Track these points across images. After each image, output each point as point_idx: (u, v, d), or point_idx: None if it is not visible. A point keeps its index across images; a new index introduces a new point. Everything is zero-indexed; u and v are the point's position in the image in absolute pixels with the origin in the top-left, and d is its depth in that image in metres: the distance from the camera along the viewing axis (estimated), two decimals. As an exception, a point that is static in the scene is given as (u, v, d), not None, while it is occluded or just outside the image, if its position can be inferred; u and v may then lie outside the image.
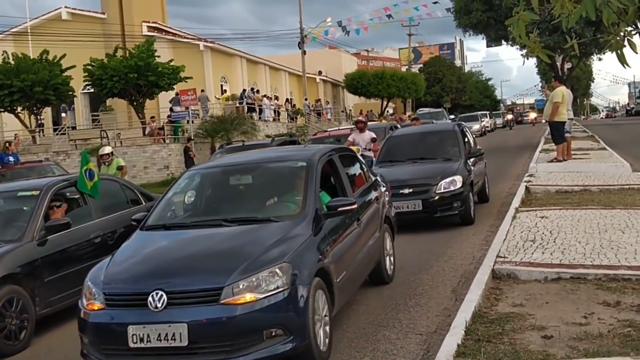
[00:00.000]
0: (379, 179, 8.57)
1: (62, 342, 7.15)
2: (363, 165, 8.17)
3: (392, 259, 8.10)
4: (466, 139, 13.02)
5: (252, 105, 36.45)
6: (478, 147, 13.53)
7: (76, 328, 5.61)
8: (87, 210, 8.71)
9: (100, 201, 8.87)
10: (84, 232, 8.32)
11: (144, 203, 9.52)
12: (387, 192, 8.53)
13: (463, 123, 14.89)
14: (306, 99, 47.02)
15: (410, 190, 10.99)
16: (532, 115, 59.42)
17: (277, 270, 5.09)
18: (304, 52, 48.12)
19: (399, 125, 24.98)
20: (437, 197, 10.96)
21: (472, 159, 12.23)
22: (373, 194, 7.86)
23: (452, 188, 10.99)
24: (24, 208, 8.20)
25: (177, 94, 33.23)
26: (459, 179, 11.12)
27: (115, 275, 5.54)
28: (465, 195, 11.06)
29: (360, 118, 17.35)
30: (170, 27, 42.69)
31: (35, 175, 13.72)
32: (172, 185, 7.48)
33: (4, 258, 7.17)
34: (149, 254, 5.88)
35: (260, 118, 36.60)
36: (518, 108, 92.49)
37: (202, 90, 35.39)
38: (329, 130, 23.71)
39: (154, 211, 6.79)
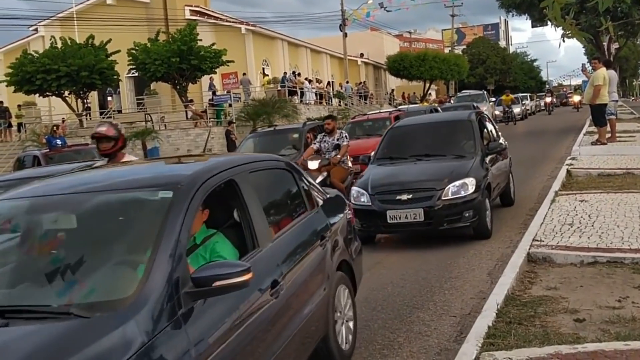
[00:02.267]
0: (334, 201, 5.88)
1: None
2: (301, 187, 5.29)
3: (352, 325, 5.38)
4: (485, 131, 10.99)
5: (294, 89, 36.58)
6: (501, 140, 11.55)
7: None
8: None
9: None
10: None
11: None
12: (349, 215, 6.04)
13: (483, 111, 12.65)
14: (348, 82, 46.94)
15: (410, 195, 8.87)
16: (576, 98, 51.00)
17: None
18: (345, 35, 48.03)
19: (439, 109, 24.81)
20: (443, 205, 8.81)
21: (491, 156, 10.16)
22: (314, 233, 5.03)
23: (462, 193, 8.85)
24: None
25: (210, 78, 33.53)
26: (471, 182, 8.97)
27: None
28: (478, 203, 8.90)
29: (326, 121, 12.56)
30: (212, 11, 43.05)
31: (81, 158, 14.05)
32: None
33: None
34: None
35: (301, 101, 36.72)
36: (564, 89, 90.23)
37: (244, 74, 35.66)
38: (368, 113, 23.67)
39: None
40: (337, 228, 5.50)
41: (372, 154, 10.95)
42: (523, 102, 45.64)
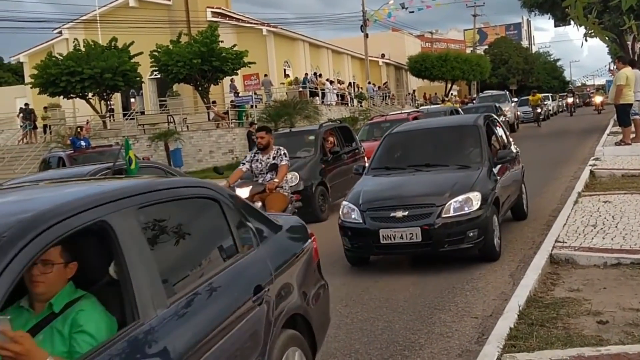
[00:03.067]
0: (288, 233, 4.62)
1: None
2: (232, 221, 3.92)
3: None
4: (494, 137, 9.91)
5: (315, 90, 36.63)
6: (512, 147, 10.59)
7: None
8: None
9: None
10: None
11: None
12: (310, 249, 4.74)
13: (493, 115, 11.41)
14: (369, 82, 46.90)
15: (406, 212, 7.80)
16: (598, 99, 46.20)
17: None
18: (367, 35, 47.96)
19: (460, 110, 24.70)
20: (443, 224, 7.73)
21: (500, 166, 9.06)
22: (243, 286, 3.71)
23: (466, 210, 7.80)
24: None
25: (232, 80, 33.67)
26: (476, 197, 7.89)
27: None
28: (485, 220, 7.84)
29: (259, 134, 9.86)
30: (233, 12, 43.25)
31: (105, 159, 14.20)
32: None
33: None
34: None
35: (323, 102, 36.76)
36: (588, 89, 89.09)
37: (265, 75, 35.79)
38: (385, 114, 23.59)
39: None
40: (289, 271, 4.24)
41: (367, 163, 9.90)
42: (545, 102, 45.29)
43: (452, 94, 58.59)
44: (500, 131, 10.56)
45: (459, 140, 9.55)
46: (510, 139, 11.10)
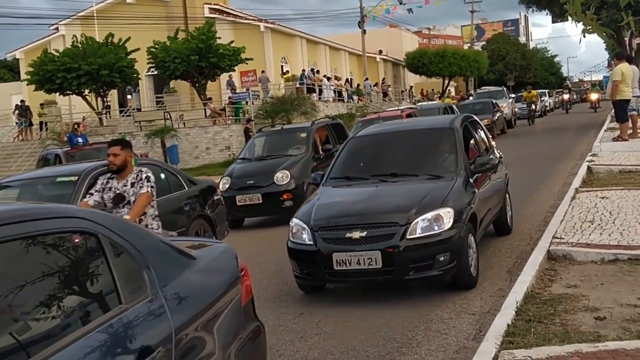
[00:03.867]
0: (207, 270, 3.67)
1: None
2: (114, 263, 3.05)
3: None
4: (473, 142, 8.74)
5: (312, 86, 36.58)
6: (494, 152, 9.46)
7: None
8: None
9: None
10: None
11: (186, 188, 9.45)
12: (238, 290, 3.80)
13: (473, 116, 10.03)
14: (367, 79, 46.85)
15: (364, 233, 6.56)
16: (593, 96, 43.00)
17: None
18: (364, 32, 47.93)
19: (455, 108, 24.63)
20: (408, 246, 6.49)
21: (478, 175, 7.90)
22: (124, 351, 2.81)
23: (436, 229, 6.58)
24: (63, 194, 7.88)
25: (229, 76, 33.61)
26: (448, 214, 6.67)
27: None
28: (458, 242, 6.62)
29: (110, 150, 6.88)
30: (231, 9, 43.14)
31: (102, 156, 14.09)
32: None
33: None
34: None
35: (320, 99, 36.71)
36: (585, 85, 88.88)
37: (263, 72, 35.73)
38: (378, 112, 23.50)
39: None
40: (201, 321, 3.32)
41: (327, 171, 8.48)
42: (542, 99, 45.14)
43: (449, 90, 58.54)
44: (480, 135, 9.36)
45: (432, 146, 8.37)
46: (493, 143, 9.92)
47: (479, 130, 9.43)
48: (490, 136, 10.21)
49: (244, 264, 3.99)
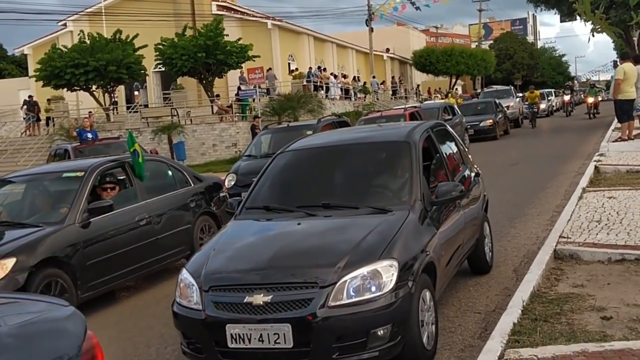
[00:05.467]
0: None
1: (102, 326, 6.46)
2: None
3: None
4: (436, 160, 6.66)
5: (319, 84, 36.58)
6: (470, 168, 7.55)
7: (117, 312, 5.53)
8: (133, 192, 8.53)
9: (146, 183, 8.71)
10: (128, 214, 8.11)
11: (192, 185, 9.44)
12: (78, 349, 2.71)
13: (443, 123, 8.20)
14: (374, 77, 46.83)
15: (269, 297, 4.61)
16: (590, 99, 36.04)
17: None
18: (372, 30, 47.89)
19: (456, 108, 24.53)
20: (329, 317, 4.51)
21: (443, 205, 5.91)
22: None
23: (372, 291, 4.61)
24: (69, 189, 7.98)
25: (241, 72, 33.66)
26: (390, 269, 4.70)
27: None
28: (403, 307, 4.66)
29: None
30: (238, 6, 43.24)
31: (112, 152, 14.08)
32: None
33: (45, 241, 7.04)
34: None
35: (327, 96, 36.70)
36: (580, 85, 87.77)
37: (270, 69, 35.75)
38: (382, 110, 23.47)
39: None
40: None
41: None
42: (548, 98, 44.80)
43: (455, 89, 58.46)
44: (451, 148, 7.31)
45: (380, 167, 6.33)
46: (469, 157, 8.11)
47: (449, 141, 7.40)
48: (466, 148, 8.29)
49: (92, 335, 2.73)
